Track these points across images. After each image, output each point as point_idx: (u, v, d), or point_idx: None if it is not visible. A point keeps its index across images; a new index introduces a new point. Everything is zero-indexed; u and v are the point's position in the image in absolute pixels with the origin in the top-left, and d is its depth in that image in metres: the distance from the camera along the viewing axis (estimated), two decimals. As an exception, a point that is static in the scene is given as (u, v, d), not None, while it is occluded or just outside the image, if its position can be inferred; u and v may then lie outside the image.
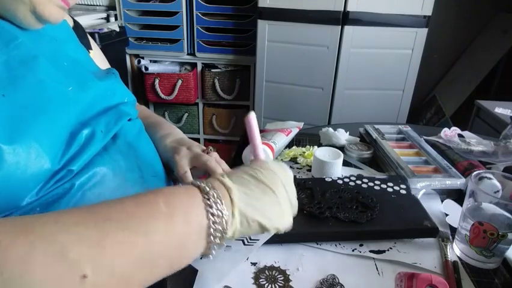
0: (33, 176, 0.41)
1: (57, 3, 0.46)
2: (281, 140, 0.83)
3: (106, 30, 1.74)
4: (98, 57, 0.68)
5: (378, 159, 0.85)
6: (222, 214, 0.37)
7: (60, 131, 0.45)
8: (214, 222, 0.37)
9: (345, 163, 0.81)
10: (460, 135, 0.96)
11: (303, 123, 0.96)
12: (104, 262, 0.29)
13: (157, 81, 2.06)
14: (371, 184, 0.67)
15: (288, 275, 0.51)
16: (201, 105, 2.21)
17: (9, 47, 0.45)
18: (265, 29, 1.76)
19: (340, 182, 0.68)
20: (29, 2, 0.44)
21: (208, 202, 0.37)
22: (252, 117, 0.47)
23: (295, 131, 0.92)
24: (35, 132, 0.41)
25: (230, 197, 0.39)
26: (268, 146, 0.77)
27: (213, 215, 0.37)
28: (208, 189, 0.38)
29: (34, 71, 0.45)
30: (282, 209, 0.42)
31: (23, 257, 0.27)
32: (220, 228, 0.37)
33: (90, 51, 0.65)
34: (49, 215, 0.31)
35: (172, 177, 0.63)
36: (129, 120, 0.58)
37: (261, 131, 0.89)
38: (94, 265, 0.29)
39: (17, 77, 0.43)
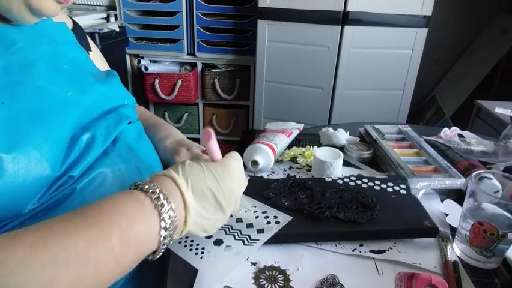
0: (34, 183, 0.41)
1: None
2: (282, 141, 0.83)
3: (106, 30, 1.74)
4: (97, 59, 0.68)
5: (378, 159, 0.85)
6: (172, 237, 0.38)
7: (61, 137, 0.45)
8: (163, 245, 0.38)
9: (345, 163, 0.81)
10: (460, 135, 0.96)
11: (303, 125, 0.96)
12: None
13: (157, 81, 2.06)
14: (371, 184, 0.67)
15: (288, 275, 0.51)
16: (200, 105, 2.21)
17: (8, 52, 0.44)
18: (265, 29, 1.76)
19: (340, 182, 0.68)
20: None
21: (165, 233, 0.37)
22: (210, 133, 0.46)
23: (295, 132, 0.92)
24: (35, 139, 0.41)
25: (186, 218, 0.39)
26: (270, 148, 0.77)
27: (164, 244, 0.37)
28: (167, 215, 0.37)
29: (33, 76, 0.45)
30: (222, 223, 0.45)
31: None
32: (166, 247, 0.38)
33: (89, 52, 0.65)
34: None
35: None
36: (129, 123, 0.57)
37: (261, 131, 0.89)
38: None
39: (16, 83, 0.43)
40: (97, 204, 0.36)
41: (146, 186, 0.38)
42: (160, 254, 0.39)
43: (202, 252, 0.50)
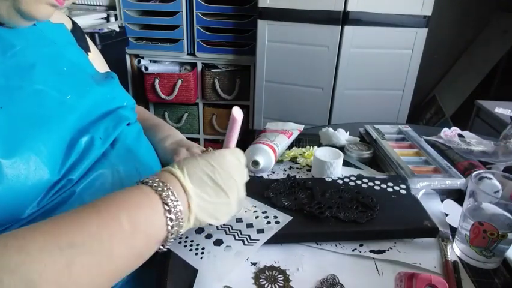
0: (33, 188, 0.41)
1: (47, 1, 0.44)
2: (283, 142, 0.83)
3: (106, 30, 1.74)
4: (96, 60, 0.68)
5: (378, 159, 0.85)
6: (180, 222, 0.40)
7: (60, 141, 0.45)
8: (171, 233, 0.39)
9: (345, 163, 0.81)
10: (460, 135, 0.96)
11: (303, 126, 0.96)
12: (72, 286, 0.31)
13: (157, 81, 2.06)
14: (371, 184, 0.67)
15: (288, 275, 0.51)
16: (200, 105, 2.21)
17: (6, 56, 0.44)
18: (265, 29, 1.76)
19: (340, 182, 0.68)
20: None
21: (170, 215, 0.38)
22: (239, 114, 0.49)
23: (296, 133, 0.92)
24: (34, 144, 0.41)
25: (189, 203, 0.41)
26: (271, 148, 0.77)
27: (172, 227, 0.39)
28: (169, 199, 0.39)
29: (32, 80, 0.45)
30: (230, 208, 0.45)
31: None
32: (175, 234, 0.40)
33: (88, 53, 0.65)
34: (12, 240, 0.30)
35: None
36: (128, 124, 0.57)
37: (261, 131, 0.89)
38: None
39: (15, 87, 0.43)
40: (104, 197, 0.38)
41: (146, 180, 0.41)
42: (170, 243, 0.40)
43: (202, 253, 0.50)
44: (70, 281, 0.30)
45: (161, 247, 0.40)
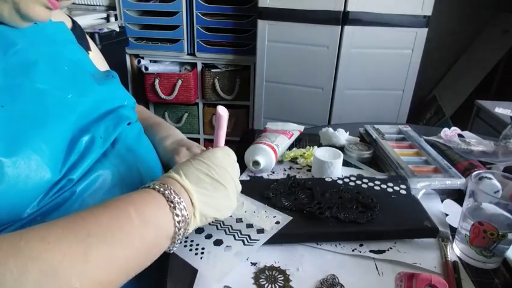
0: (34, 187, 0.40)
1: (43, 3, 0.45)
2: (284, 143, 0.83)
3: (106, 30, 1.74)
4: (97, 59, 0.68)
5: (378, 159, 0.85)
6: (186, 218, 0.42)
7: (60, 140, 0.45)
8: (179, 228, 0.41)
9: (345, 163, 0.81)
10: (460, 135, 0.96)
11: (304, 126, 0.97)
12: (90, 274, 0.33)
13: (157, 81, 2.06)
14: (371, 184, 0.67)
15: (288, 275, 0.50)
16: (200, 105, 2.21)
17: (7, 54, 0.44)
18: (265, 29, 1.76)
19: (340, 182, 0.68)
20: (11, 1, 0.43)
21: (175, 211, 0.41)
22: (224, 111, 0.51)
23: (296, 134, 0.92)
24: (35, 143, 0.41)
25: (191, 200, 0.43)
26: (272, 148, 0.77)
27: (179, 222, 0.41)
28: (172, 196, 0.41)
29: (33, 79, 0.45)
30: (231, 200, 0.48)
31: (17, 278, 0.29)
32: (183, 230, 0.42)
33: (89, 52, 0.65)
34: (32, 232, 0.32)
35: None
36: (128, 124, 0.57)
37: (262, 131, 0.89)
38: (81, 278, 0.32)
39: (16, 85, 0.43)
40: (111, 198, 0.40)
41: (147, 185, 0.43)
42: (179, 241, 0.42)
43: (202, 253, 0.50)
44: (87, 269, 0.32)
45: (171, 246, 0.42)
